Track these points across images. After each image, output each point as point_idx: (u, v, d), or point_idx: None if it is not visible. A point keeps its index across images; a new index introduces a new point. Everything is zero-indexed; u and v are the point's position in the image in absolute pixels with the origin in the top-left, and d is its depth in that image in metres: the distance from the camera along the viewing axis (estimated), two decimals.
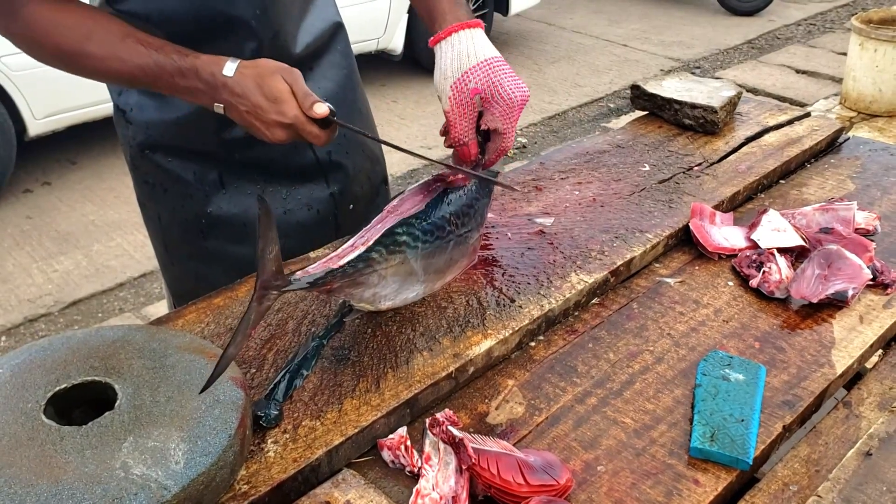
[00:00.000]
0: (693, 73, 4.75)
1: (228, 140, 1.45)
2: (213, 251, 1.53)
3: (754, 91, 5.80)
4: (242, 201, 1.51)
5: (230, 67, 1.20)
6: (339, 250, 1.17)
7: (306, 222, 1.55)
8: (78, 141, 4.90)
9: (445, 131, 1.32)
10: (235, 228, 1.52)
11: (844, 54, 4.30)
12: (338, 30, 1.62)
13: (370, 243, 1.15)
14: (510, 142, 1.32)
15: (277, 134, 1.21)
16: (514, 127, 1.31)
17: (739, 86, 1.95)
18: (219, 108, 1.22)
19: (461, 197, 1.29)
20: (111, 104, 1.55)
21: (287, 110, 1.18)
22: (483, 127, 1.31)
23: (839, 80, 4.39)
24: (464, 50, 1.29)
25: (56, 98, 4.39)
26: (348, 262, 1.13)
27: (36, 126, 4.42)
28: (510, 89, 1.29)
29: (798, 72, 6.35)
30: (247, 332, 1.02)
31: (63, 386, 0.98)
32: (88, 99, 4.44)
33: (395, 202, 1.27)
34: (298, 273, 1.10)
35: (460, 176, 1.32)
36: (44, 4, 1.22)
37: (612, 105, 5.86)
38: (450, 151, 1.35)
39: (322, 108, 1.20)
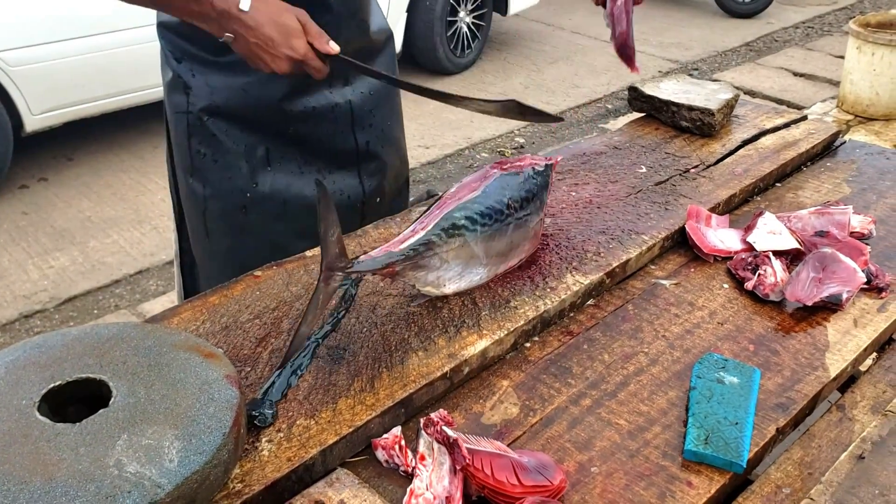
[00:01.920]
0: (691, 75, 4.75)
1: (288, 111, 1.54)
2: (252, 226, 1.59)
3: (752, 93, 5.80)
4: (284, 179, 1.59)
5: (245, 3, 1.27)
6: (400, 235, 1.22)
7: (336, 207, 1.59)
8: (75, 137, 4.89)
9: None
10: (276, 205, 1.60)
11: (842, 57, 4.30)
12: (390, 36, 1.74)
13: (429, 227, 1.21)
14: None
15: (282, 65, 1.30)
16: None
17: (737, 88, 1.95)
18: (228, 37, 1.29)
19: (519, 181, 1.33)
20: (108, 100, 1.59)
21: (298, 45, 1.29)
22: None
23: (836, 84, 4.40)
24: None
25: (53, 94, 4.38)
26: (409, 246, 1.18)
27: (33, 122, 4.41)
28: None
29: (796, 74, 6.36)
30: (316, 311, 1.11)
31: (57, 383, 0.97)
32: (86, 95, 4.43)
33: (453, 189, 1.31)
34: (362, 257, 1.16)
35: (518, 161, 1.38)
36: None
37: (609, 106, 5.86)
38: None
39: (336, 46, 1.33)
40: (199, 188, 1.61)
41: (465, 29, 6.27)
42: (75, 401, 0.99)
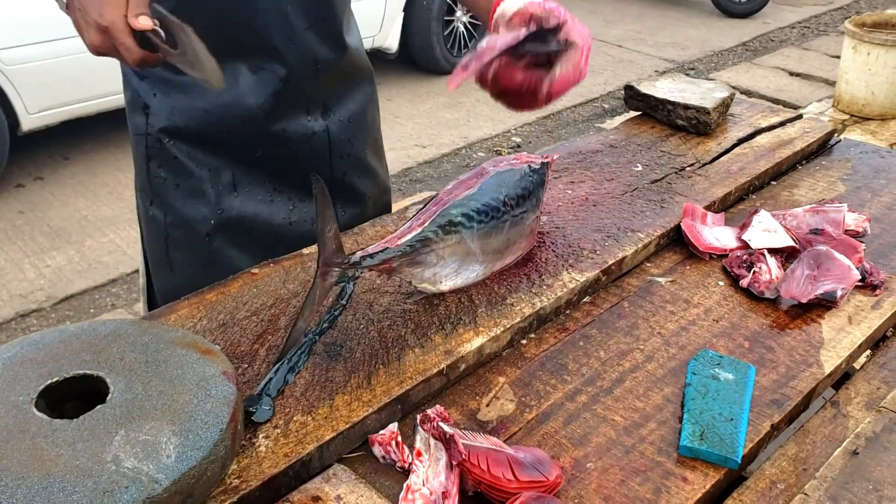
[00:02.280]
0: (687, 75, 4.76)
1: (258, 134, 1.47)
2: (217, 256, 1.52)
3: (748, 93, 5.82)
4: (252, 206, 1.52)
5: None
6: (397, 232, 1.23)
7: (310, 238, 1.54)
8: (71, 136, 4.89)
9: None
10: (242, 233, 1.52)
11: (838, 57, 4.32)
12: (370, 72, 1.68)
13: (426, 224, 1.22)
14: (584, 67, 1.28)
15: (92, 36, 1.14)
16: (587, 55, 1.27)
17: (733, 88, 1.96)
18: (62, 1, 1.18)
19: (515, 179, 1.34)
20: (104, 99, 1.56)
21: (107, 12, 1.11)
22: (563, 37, 1.26)
23: (832, 83, 4.41)
24: None
25: (49, 93, 4.38)
26: (406, 243, 1.19)
27: (29, 121, 4.42)
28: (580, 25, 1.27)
29: (792, 74, 6.37)
30: (313, 307, 1.11)
31: (55, 379, 0.98)
32: (82, 94, 4.43)
33: (449, 186, 1.31)
34: (358, 253, 1.17)
35: (514, 159, 1.37)
36: None
37: (606, 105, 5.87)
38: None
39: (145, 21, 1.13)
40: (159, 215, 1.52)
41: (461, 28, 6.28)
42: (73, 397, 1.00)
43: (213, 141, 1.46)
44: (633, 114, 2.05)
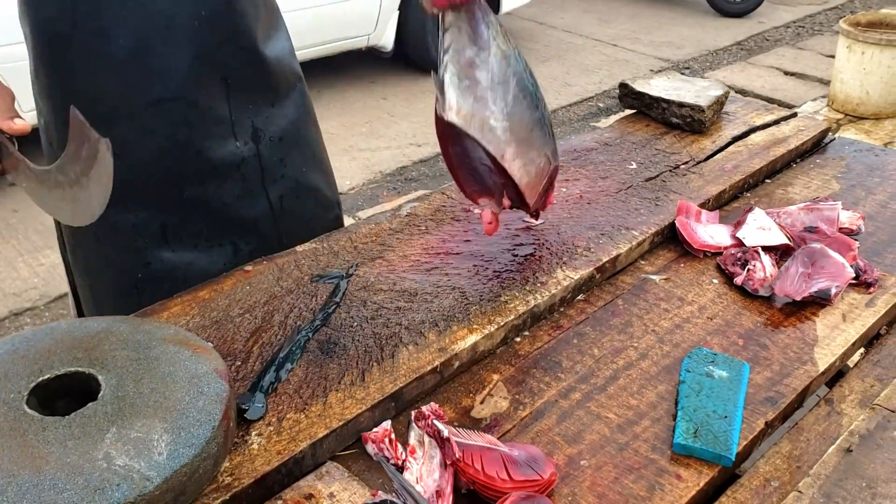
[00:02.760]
0: (682, 74, 4.76)
1: (180, 173, 1.36)
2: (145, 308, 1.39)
3: (743, 92, 5.82)
4: (187, 256, 1.41)
5: None
6: None
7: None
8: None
9: None
10: (174, 284, 1.36)
11: (832, 57, 4.33)
12: (300, 79, 1.53)
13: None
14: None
15: None
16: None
17: (728, 87, 1.96)
18: None
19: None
20: None
21: None
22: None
23: (827, 83, 4.42)
24: None
25: None
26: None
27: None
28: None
29: (786, 73, 6.38)
30: None
31: (46, 377, 0.97)
32: None
33: None
34: None
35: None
36: None
37: (601, 105, 5.87)
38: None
39: (22, 123, 1.15)
40: (82, 265, 1.43)
41: None
42: (64, 395, 0.99)
43: (133, 189, 1.33)
44: (627, 112, 2.05)
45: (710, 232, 1.52)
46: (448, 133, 1.20)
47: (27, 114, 4.60)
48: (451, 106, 1.16)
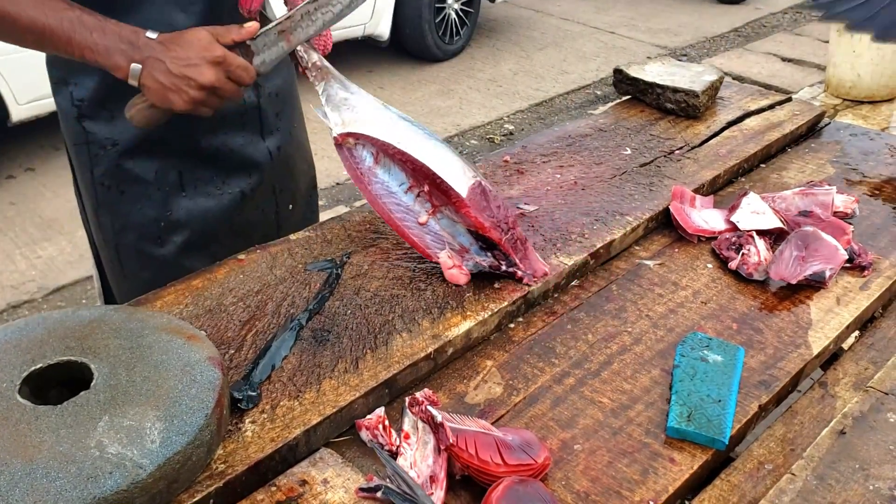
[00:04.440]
0: (679, 61, 4.75)
1: (194, 122, 1.40)
2: (168, 260, 1.49)
3: (740, 79, 5.81)
4: (203, 203, 1.49)
5: (152, 32, 1.22)
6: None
7: (253, 221, 1.55)
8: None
9: None
10: (194, 233, 1.49)
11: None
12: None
13: None
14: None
15: (207, 75, 1.20)
16: None
17: (725, 74, 1.95)
18: (135, 69, 1.20)
19: None
20: None
21: (214, 48, 1.21)
22: None
23: (824, 68, 4.41)
24: None
25: (39, 83, 4.34)
26: None
27: (19, 111, 4.38)
28: None
29: (784, 60, 6.36)
30: None
31: (39, 366, 0.97)
32: None
33: None
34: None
35: None
36: None
37: (598, 92, 5.86)
38: None
39: (252, 25, 1.25)
40: (107, 223, 1.49)
41: (453, 16, 6.25)
42: (57, 384, 0.99)
43: (153, 140, 1.42)
44: (623, 99, 2.04)
45: (704, 217, 1.52)
46: (353, 165, 1.35)
47: (23, 106, 4.50)
48: (336, 123, 1.33)
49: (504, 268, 1.30)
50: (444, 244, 1.33)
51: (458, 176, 1.29)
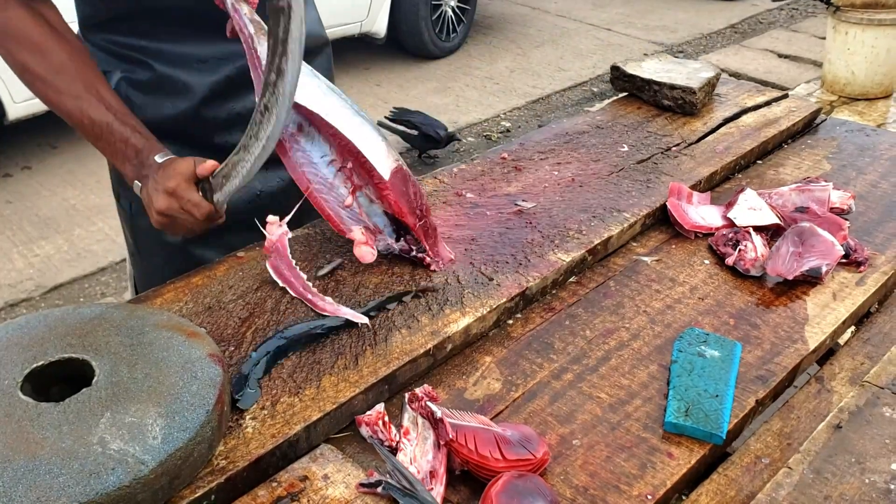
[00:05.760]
0: (675, 58, 4.76)
1: (209, 119, 1.46)
2: (178, 247, 1.52)
3: (737, 76, 5.81)
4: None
5: (161, 156, 1.27)
6: None
7: (278, 196, 1.55)
8: (58, 125, 4.85)
9: None
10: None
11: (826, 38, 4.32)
12: (327, 43, 1.63)
13: None
14: None
15: (159, 202, 1.23)
16: None
17: (722, 70, 1.96)
18: (137, 185, 1.28)
19: None
20: None
21: (172, 179, 1.23)
22: None
23: (821, 65, 4.41)
24: None
25: None
26: None
27: (15, 109, 4.38)
28: None
29: (780, 56, 6.37)
30: None
31: (40, 363, 0.98)
32: None
33: None
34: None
35: None
36: (27, 17, 1.26)
37: (595, 89, 5.87)
38: None
39: (207, 164, 1.24)
40: (126, 205, 1.54)
41: (450, 13, 6.25)
42: (58, 381, 1.00)
43: (168, 130, 1.44)
44: (620, 96, 2.05)
45: (701, 213, 1.53)
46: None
47: (20, 104, 4.48)
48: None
49: (414, 252, 1.34)
50: (359, 222, 1.34)
51: (382, 158, 1.30)
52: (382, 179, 1.28)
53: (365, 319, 1.20)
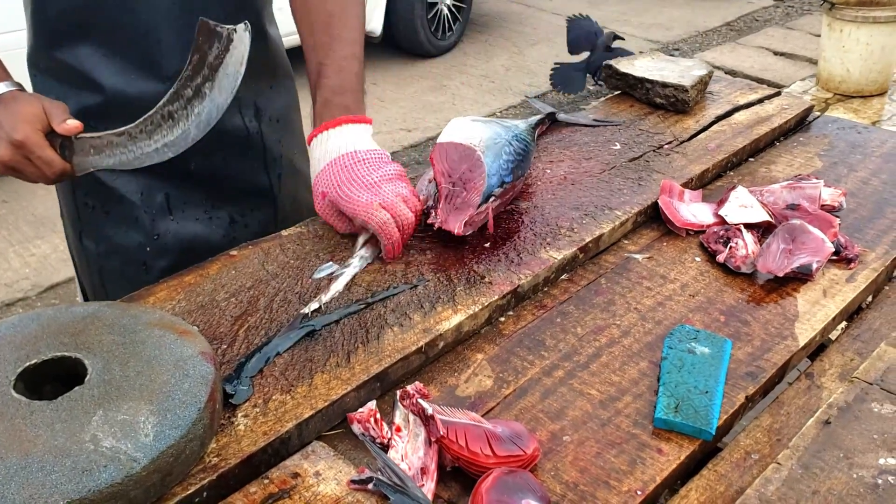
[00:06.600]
0: (672, 56, 4.75)
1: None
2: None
3: (732, 73, 5.82)
4: (190, 227, 1.46)
5: (7, 85, 1.18)
6: None
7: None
8: None
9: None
10: (180, 258, 1.43)
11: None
12: (292, 80, 1.60)
13: None
14: (391, 235, 1.30)
15: (4, 152, 1.12)
16: (375, 218, 1.27)
17: (717, 68, 1.96)
18: None
19: None
20: None
21: (21, 129, 1.11)
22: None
23: (816, 62, 4.43)
24: (326, 150, 1.31)
25: (27, 79, 4.34)
26: None
27: None
28: (348, 192, 1.28)
29: (776, 54, 6.38)
30: None
31: (32, 361, 0.98)
32: None
33: None
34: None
35: None
36: None
37: (590, 87, 5.87)
38: None
39: (73, 123, 1.14)
40: (91, 245, 1.44)
41: (445, 11, 6.26)
42: (51, 379, 1.00)
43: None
44: (613, 93, 2.06)
45: (692, 210, 1.54)
46: None
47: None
48: None
49: (431, 203, 1.39)
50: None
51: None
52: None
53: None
